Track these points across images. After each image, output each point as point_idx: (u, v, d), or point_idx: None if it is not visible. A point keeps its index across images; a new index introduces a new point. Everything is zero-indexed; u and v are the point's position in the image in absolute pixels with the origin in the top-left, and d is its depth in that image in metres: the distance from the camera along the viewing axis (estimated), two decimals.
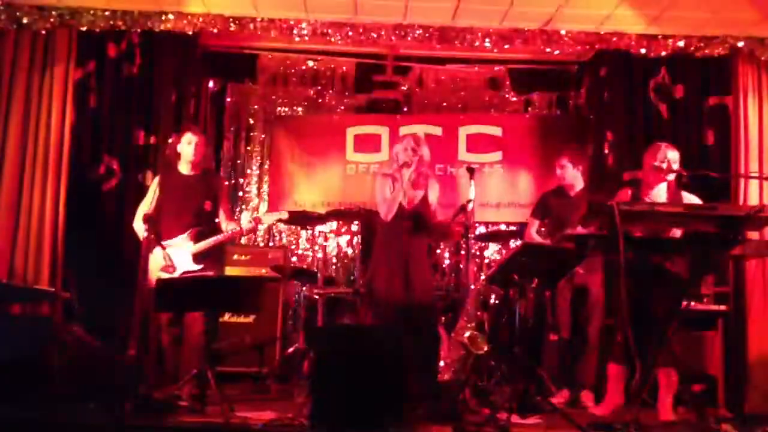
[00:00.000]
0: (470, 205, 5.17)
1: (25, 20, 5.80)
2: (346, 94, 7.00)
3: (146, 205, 4.86)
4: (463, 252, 5.99)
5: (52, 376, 3.53)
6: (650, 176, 4.53)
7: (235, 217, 6.17)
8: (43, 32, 5.84)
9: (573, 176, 5.30)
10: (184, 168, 4.96)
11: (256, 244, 6.83)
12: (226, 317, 5.85)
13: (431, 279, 5.05)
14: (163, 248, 4.64)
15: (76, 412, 3.54)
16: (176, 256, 4.75)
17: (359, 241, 6.75)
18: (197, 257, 4.79)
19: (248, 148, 7.05)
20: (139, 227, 4.78)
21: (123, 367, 4.18)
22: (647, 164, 4.55)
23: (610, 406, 4.42)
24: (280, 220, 5.15)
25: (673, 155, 4.47)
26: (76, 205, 5.72)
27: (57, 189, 5.68)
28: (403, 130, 6.63)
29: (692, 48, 6.07)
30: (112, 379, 4.01)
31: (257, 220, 4.97)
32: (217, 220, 5.00)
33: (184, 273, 4.73)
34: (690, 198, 4.49)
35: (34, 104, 5.77)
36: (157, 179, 4.96)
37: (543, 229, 5.44)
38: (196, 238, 4.80)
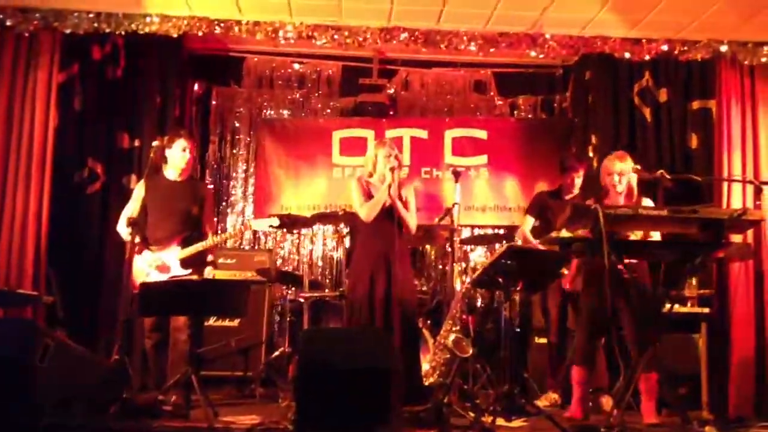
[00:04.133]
0: (456, 209, 5.18)
1: (8, 22, 5.77)
2: (332, 97, 7.00)
3: (130, 209, 4.82)
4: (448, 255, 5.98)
5: (34, 380, 3.49)
6: (608, 186, 4.51)
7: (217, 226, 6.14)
8: (27, 34, 5.81)
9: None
10: (171, 174, 4.90)
11: (241, 247, 6.80)
12: (211, 321, 5.83)
13: (414, 280, 5.07)
14: (151, 250, 4.64)
15: (59, 418, 3.51)
16: (165, 260, 4.74)
17: (345, 243, 6.73)
18: (185, 262, 4.77)
19: (234, 151, 7.01)
20: (123, 230, 4.75)
21: (107, 371, 4.15)
22: (603, 174, 4.54)
23: (579, 408, 4.41)
24: (271, 227, 5.09)
25: (623, 166, 4.44)
26: (59, 208, 5.68)
27: (40, 192, 5.64)
28: (389, 134, 6.64)
29: (676, 52, 6.12)
30: (95, 384, 3.98)
31: (245, 226, 4.93)
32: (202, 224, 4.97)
33: (171, 278, 4.71)
34: (648, 202, 4.48)
35: (17, 107, 5.73)
36: (141, 183, 4.92)
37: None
38: (183, 244, 4.77)
